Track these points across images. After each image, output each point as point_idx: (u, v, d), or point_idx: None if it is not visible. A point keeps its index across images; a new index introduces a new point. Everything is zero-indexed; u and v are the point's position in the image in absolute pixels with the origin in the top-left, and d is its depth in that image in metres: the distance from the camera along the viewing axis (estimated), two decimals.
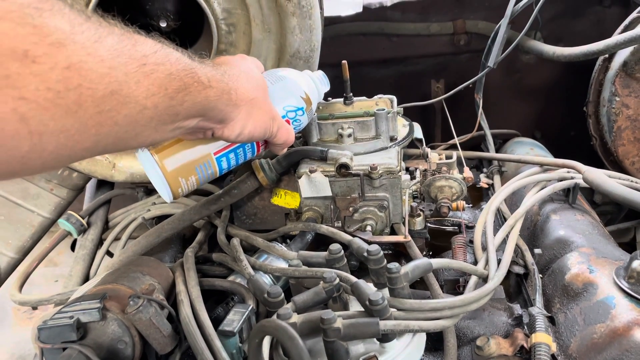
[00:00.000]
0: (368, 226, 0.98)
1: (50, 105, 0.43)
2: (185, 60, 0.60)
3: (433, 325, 0.75)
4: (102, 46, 0.48)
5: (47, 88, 0.43)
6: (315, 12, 1.11)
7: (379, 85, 1.31)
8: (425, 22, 1.80)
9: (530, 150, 1.54)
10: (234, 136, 0.76)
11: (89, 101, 0.46)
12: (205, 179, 0.88)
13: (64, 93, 0.44)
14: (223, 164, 0.88)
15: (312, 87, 0.99)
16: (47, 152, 0.46)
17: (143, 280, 0.85)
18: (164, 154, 0.81)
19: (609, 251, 0.98)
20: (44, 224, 1.34)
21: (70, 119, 0.46)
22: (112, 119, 0.50)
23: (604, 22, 1.72)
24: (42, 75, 0.42)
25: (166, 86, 0.56)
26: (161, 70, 0.55)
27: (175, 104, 0.58)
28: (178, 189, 0.84)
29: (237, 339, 0.79)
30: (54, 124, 0.45)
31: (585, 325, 0.82)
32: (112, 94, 0.48)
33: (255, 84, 0.78)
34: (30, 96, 0.42)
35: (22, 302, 1.15)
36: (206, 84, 0.63)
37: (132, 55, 0.51)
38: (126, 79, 0.50)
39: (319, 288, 0.79)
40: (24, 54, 0.41)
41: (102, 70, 0.47)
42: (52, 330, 0.71)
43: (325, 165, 1.01)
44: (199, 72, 0.62)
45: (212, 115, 0.69)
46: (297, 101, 0.94)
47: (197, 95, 0.62)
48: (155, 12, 1.23)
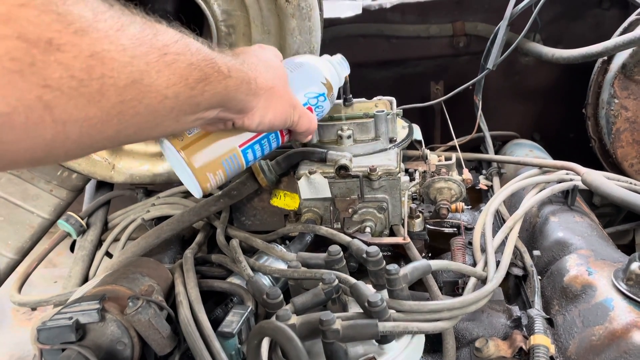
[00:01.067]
0: (367, 227, 0.98)
1: (74, 93, 0.44)
2: (205, 50, 0.60)
3: (432, 327, 0.75)
4: (124, 35, 0.48)
5: (70, 76, 0.43)
6: (315, 14, 1.12)
7: (379, 87, 1.31)
8: (425, 24, 1.80)
9: (530, 152, 1.54)
10: (254, 126, 0.76)
11: (111, 90, 0.47)
12: (232, 172, 0.87)
13: (87, 81, 0.44)
14: (249, 156, 0.88)
15: (333, 72, 0.98)
16: (71, 140, 0.46)
17: (142, 282, 0.85)
18: (191, 151, 0.81)
19: (608, 253, 0.98)
20: (44, 225, 1.34)
21: (93, 108, 0.46)
22: (133, 108, 0.50)
23: (602, 24, 1.72)
24: (66, 63, 0.42)
25: (187, 76, 0.56)
26: (182, 60, 0.55)
27: (196, 94, 0.58)
28: (207, 184, 0.84)
29: (236, 340, 0.79)
30: (77, 113, 0.45)
31: (583, 327, 0.82)
32: (133, 83, 0.49)
33: (274, 72, 0.78)
34: (54, 84, 0.42)
35: (21, 303, 1.15)
36: (226, 74, 0.63)
37: (154, 44, 0.51)
38: (147, 68, 0.50)
39: (318, 289, 0.79)
40: (49, 42, 0.41)
41: (124, 59, 0.47)
42: (51, 331, 0.71)
43: (324, 167, 1.01)
44: (219, 62, 0.62)
45: (232, 105, 0.69)
46: (318, 87, 0.94)
47: (217, 85, 0.62)
48: (154, 13, 1.23)
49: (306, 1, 1.09)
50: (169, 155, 0.82)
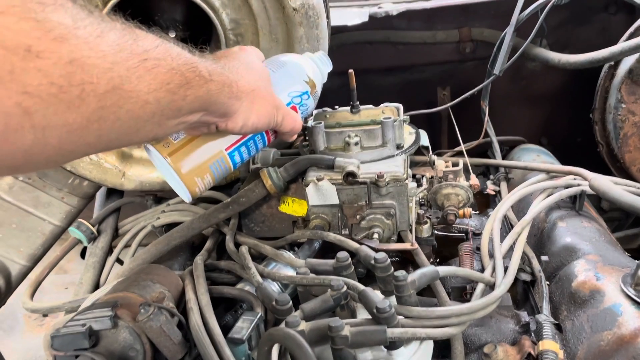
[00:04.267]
0: (375, 234, 0.99)
1: (53, 99, 0.44)
2: (185, 54, 0.60)
3: (440, 333, 0.76)
4: (104, 41, 0.48)
5: (50, 83, 0.43)
6: (322, 22, 1.13)
7: (385, 93, 1.32)
8: (431, 30, 1.81)
9: (537, 156, 1.54)
10: (238, 128, 0.77)
11: (91, 96, 0.47)
12: (220, 175, 0.88)
13: (67, 88, 0.44)
14: (236, 158, 0.89)
15: (315, 69, 0.99)
16: (50, 146, 0.46)
17: (153, 289, 0.86)
18: (177, 157, 0.82)
19: (616, 258, 0.98)
20: (55, 232, 1.36)
21: (73, 114, 0.46)
22: (114, 114, 0.50)
23: (609, 30, 1.72)
24: (46, 70, 0.43)
25: (168, 81, 0.56)
26: (162, 65, 0.55)
27: (178, 98, 0.59)
28: (195, 188, 0.85)
29: (246, 346, 0.80)
30: (57, 119, 0.45)
31: (592, 332, 0.82)
32: (114, 89, 0.49)
33: (256, 74, 0.79)
34: (33, 91, 0.42)
35: (33, 309, 1.16)
36: (207, 78, 0.63)
37: (134, 50, 0.51)
38: (128, 74, 0.50)
39: (326, 296, 0.80)
40: (27, 49, 0.41)
41: (105, 65, 0.48)
42: (64, 338, 0.72)
43: (332, 174, 1.02)
44: (199, 66, 0.62)
45: (214, 109, 0.69)
46: (301, 86, 0.94)
47: (198, 89, 0.62)
48: (164, 23, 1.24)
49: (314, 9, 1.10)
50: (156, 162, 0.84)
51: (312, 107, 0.99)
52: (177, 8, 1.23)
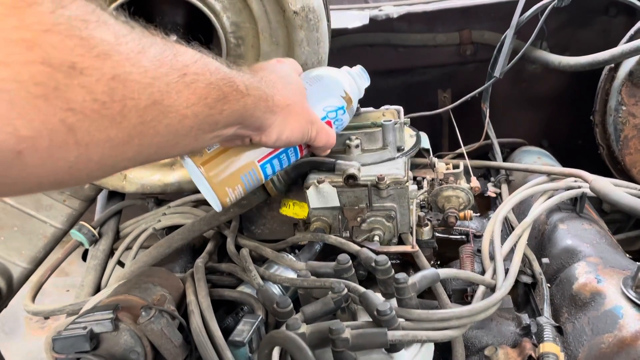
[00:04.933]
0: (376, 236, 0.99)
1: (96, 116, 0.44)
2: (224, 69, 0.61)
3: (441, 336, 0.76)
4: (145, 57, 0.48)
5: (93, 99, 0.43)
6: (323, 25, 1.13)
7: (386, 96, 1.32)
8: (432, 32, 1.81)
9: (538, 159, 1.54)
10: (272, 142, 0.77)
11: (132, 111, 0.47)
12: (251, 186, 0.88)
13: (109, 104, 0.45)
14: (268, 170, 0.89)
15: (352, 84, 0.98)
16: (93, 162, 0.47)
17: (154, 291, 0.86)
18: (210, 166, 0.82)
19: (617, 260, 0.98)
20: (57, 235, 1.36)
21: (115, 129, 0.46)
22: (153, 128, 0.51)
23: (609, 32, 1.72)
24: (89, 86, 0.43)
25: (206, 95, 0.56)
26: (201, 80, 0.56)
27: (215, 112, 0.59)
28: (226, 198, 0.85)
29: (247, 349, 0.80)
30: (99, 134, 0.45)
31: (593, 335, 0.82)
32: (154, 104, 0.49)
33: (292, 89, 0.79)
34: (77, 107, 0.43)
35: (35, 312, 1.17)
36: (244, 92, 0.64)
37: (174, 65, 0.52)
38: (168, 89, 0.51)
39: (327, 298, 0.80)
40: (72, 66, 0.42)
41: (145, 80, 0.48)
42: (66, 341, 0.73)
43: (333, 176, 1.02)
44: (237, 81, 0.62)
45: (250, 122, 0.70)
46: (337, 101, 0.94)
47: (235, 103, 0.62)
48: (165, 26, 1.25)
49: (314, 12, 1.10)
50: (190, 171, 0.84)
51: (347, 121, 0.99)
52: (178, 11, 1.24)
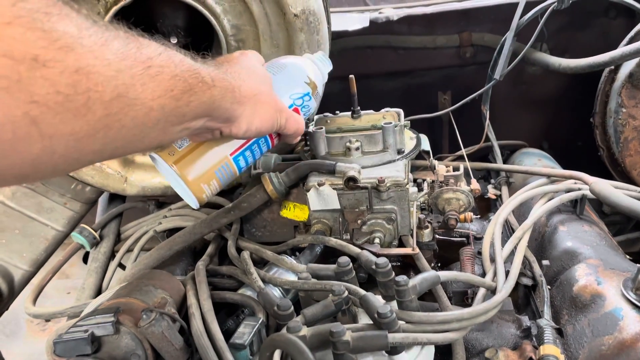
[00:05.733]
0: (376, 238, 0.99)
1: (60, 108, 0.44)
2: (188, 61, 0.61)
3: (441, 338, 0.76)
4: (108, 49, 0.49)
5: (57, 91, 0.44)
6: (323, 28, 1.13)
7: (386, 98, 1.33)
8: (432, 35, 1.81)
9: (538, 160, 1.54)
10: (242, 133, 0.77)
11: (97, 104, 0.47)
12: (226, 180, 0.89)
13: (73, 96, 0.45)
14: (241, 163, 0.89)
15: (315, 70, 0.99)
16: (58, 154, 0.47)
17: (155, 294, 0.86)
18: (183, 164, 0.82)
19: (617, 262, 0.98)
20: (58, 237, 1.36)
21: (79, 122, 0.47)
22: (119, 121, 0.51)
23: (609, 34, 1.72)
24: (52, 79, 0.43)
25: (172, 87, 0.57)
26: (166, 72, 0.56)
27: (182, 104, 0.59)
28: (202, 194, 0.85)
29: (247, 351, 0.80)
30: (63, 127, 0.45)
31: (593, 337, 0.83)
32: (119, 97, 0.49)
33: (257, 79, 0.79)
34: (41, 100, 0.43)
35: (36, 314, 1.17)
36: (210, 84, 0.64)
37: (138, 57, 0.52)
38: (132, 81, 0.51)
39: (328, 301, 0.80)
40: (34, 58, 0.42)
41: (109, 73, 0.48)
42: (67, 344, 0.73)
43: (333, 179, 1.02)
44: (202, 73, 0.63)
45: (218, 114, 0.70)
46: (302, 87, 0.95)
47: (202, 95, 0.62)
48: (166, 29, 1.25)
49: (314, 15, 1.11)
50: (162, 170, 0.84)
51: (314, 107, 1.00)
52: (179, 14, 1.24)
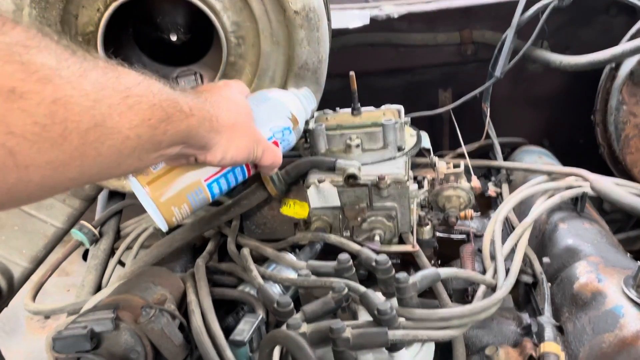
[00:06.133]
0: (376, 236, 0.99)
1: (37, 138, 0.45)
2: (167, 90, 0.61)
3: (442, 335, 0.76)
4: (86, 80, 0.49)
5: (34, 122, 0.44)
6: (323, 25, 1.13)
7: (387, 95, 1.32)
8: (432, 32, 1.81)
9: (539, 158, 1.54)
10: (217, 161, 0.78)
11: (73, 133, 0.48)
12: (198, 206, 0.89)
13: (50, 127, 0.45)
14: (214, 190, 0.89)
15: (299, 106, 1.01)
16: (33, 183, 0.47)
17: (155, 291, 0.86)
18: (155, 186, 0.83)
19: (618, 260, 0.98)
20: (57, 234, 1.36)
21: (56, 151, 0.47)
22: (96, 149, 0.51)
23: (610, 31, 1.72)
24: (29, 110, 0.44)
25: (149, 117, 0.57)
26: (144, 102, 0.56)
27: (158, 133, 0.60)
28: (172, 217, 0.85)
29: (247, 348, 0.80)
30: (40, 157, 0.46)
31: (594, 334, 0.82)
32: (96, 126, 0.50)
33: (237, 109, 0.80)
34: (17, 130, 0.43)
35: (36, 311, 1.17)
36: (188, 113, 0.65)
37: (116, 87, 0.53)
38: (110, 111, 0.51)
39: (328, 298, 0.80)
40: (11, 91, 0.42)
41: (87, 103, 0.49)
42: (66, 340, 0.73)
43: (333, 176, 1.02)
44: (180, 102, 0.63)
45: (194, 142, 0.71)
46: (283, 121, 0.96)
47: (179, 124, 0.63)
48: (166, 26, 1.25)
49: (314, 12, 1.10)
50: (135, 190, 0.84)
51: (294, 142, 1.00)
52: (179, 11, 1.24)
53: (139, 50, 1.25)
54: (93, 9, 1.07)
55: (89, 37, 1.09)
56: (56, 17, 1.06)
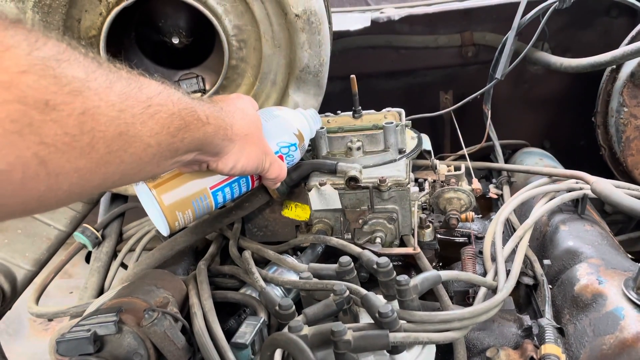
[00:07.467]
0: (377, 238, 0.99)
1: (67, 148, 0.47)
2: (186, 99, 0.64)
3: (443, 337, 0.76)
4: (112, 91, 0.52)
5: (64, 133, 0.46)
6: (324, 28, 1.13)
7: (388, 97, 1.33)
8: (433, 34, 1.81)
9: (540, 160, 1.54)
10: (228, 169, 0.80)
11: (100, 142, 0.50)
12: (201, 212, 0.90)
13: (79, 136, 0.48)
14: (219, 198, 0.91)
15: (305, 124, 1.03)
16: (62, 191, 0.49)
17: (157, 294, 0.86)
18: (162, 189, 0.84)
19: (618, 262, 0.98)
20: (60, 237, 1.36)
21: (84, 160, 0.49)
22: (119, 157, 0.53)
23: (611, 33, 1.72)
24: (61, 121, 0.46)
25: (168, 125, 0.60)
26: (164, 111, 0.59)
27: (176, 140, 0.62)
28: (175, 222, 0.86)
29: (249, 351, 0.80)
30: (69, 165, 0.48)
31: (594, 336, 0.83)
32: (120, 135, 0.52)
33: (249, 120, 0.83)
34: (49, 141, 0.45)
35: (39, 314, 1.17)
36: (204, 121, 0.68)
37: (139, 97, 0.55)
38: (133, 120, 0.54)
39: (329, 300, 0.80)
40: (45, 104, 0.44)
41: (113, 113, 0.51)
42: (70, 343, 0.73)
43: (334, 178, 1.02)
44: (198, 110, 0.66)
45: (209, 149, 0.73)
46: (290, 137, 0.98)
47: (196, 131, 0.66)
48: (168, 29, 1.25)
49: (316, 15, 1.11)
50: (139, 192, 0.85)
51: (298, 158, 1.03)
52: (181, 15, 1.24)
53: (141, 53, 1.26)
54: (96, 13, 1.08)
55: (91, 41, 1.10)
56: (59, 21, 1.06)
